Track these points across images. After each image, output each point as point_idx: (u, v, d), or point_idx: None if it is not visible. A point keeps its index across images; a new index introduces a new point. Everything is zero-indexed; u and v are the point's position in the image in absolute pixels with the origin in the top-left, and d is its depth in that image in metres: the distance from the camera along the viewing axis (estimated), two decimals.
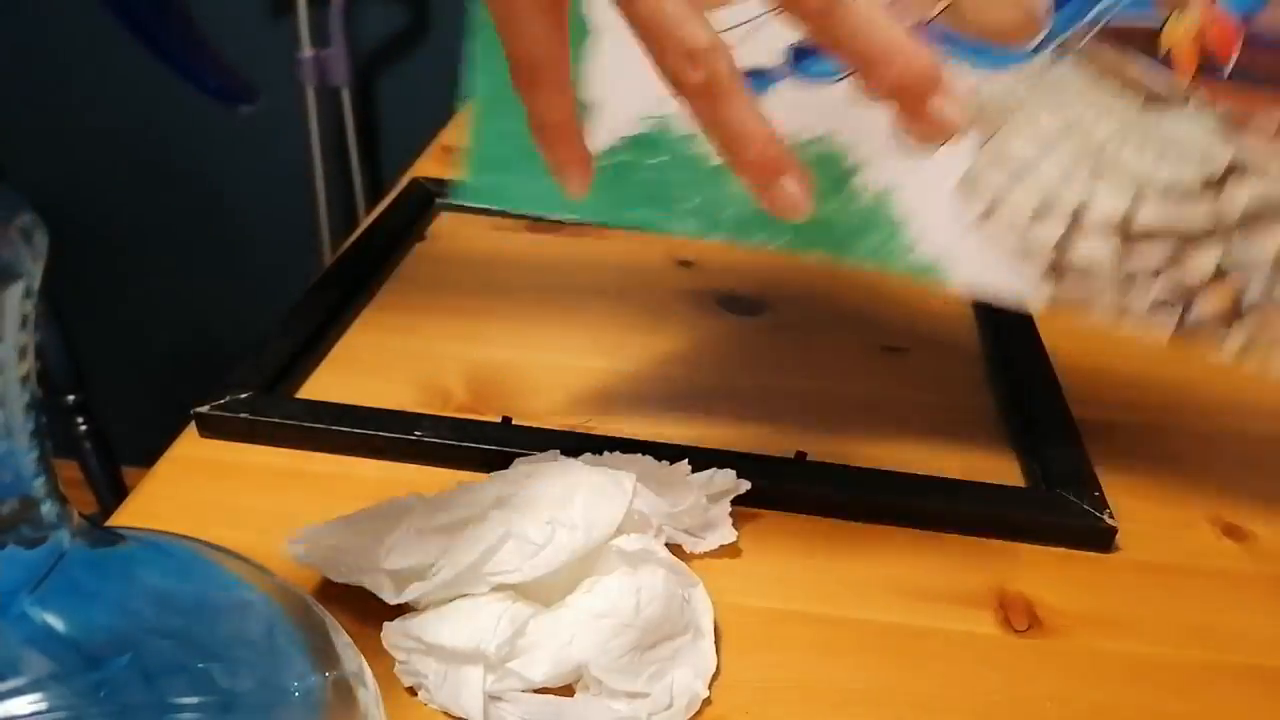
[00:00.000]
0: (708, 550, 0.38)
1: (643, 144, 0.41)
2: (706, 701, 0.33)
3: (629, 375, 0.50)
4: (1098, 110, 0.35)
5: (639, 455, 0.40)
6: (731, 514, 0.39)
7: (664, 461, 0.40)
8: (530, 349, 0.51)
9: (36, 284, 0.18)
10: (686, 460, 0.40)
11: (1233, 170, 0.35)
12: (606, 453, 0.40)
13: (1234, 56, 0.34)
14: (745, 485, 0.39)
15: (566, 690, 0.32)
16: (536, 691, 0.32)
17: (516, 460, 0.40)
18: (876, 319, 0.56)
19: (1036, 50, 0.36)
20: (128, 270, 1.34)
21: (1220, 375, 0.53)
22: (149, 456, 0.43)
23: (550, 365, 0.50)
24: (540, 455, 0.40)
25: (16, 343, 0.18)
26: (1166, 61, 0.35)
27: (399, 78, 1.19)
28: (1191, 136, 0.35)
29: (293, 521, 0.35)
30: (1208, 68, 0.35)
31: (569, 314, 0.55)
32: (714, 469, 0.39)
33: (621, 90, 0.40)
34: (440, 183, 0.66)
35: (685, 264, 0.60)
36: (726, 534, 0.39)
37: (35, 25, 1.18)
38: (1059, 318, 0.56)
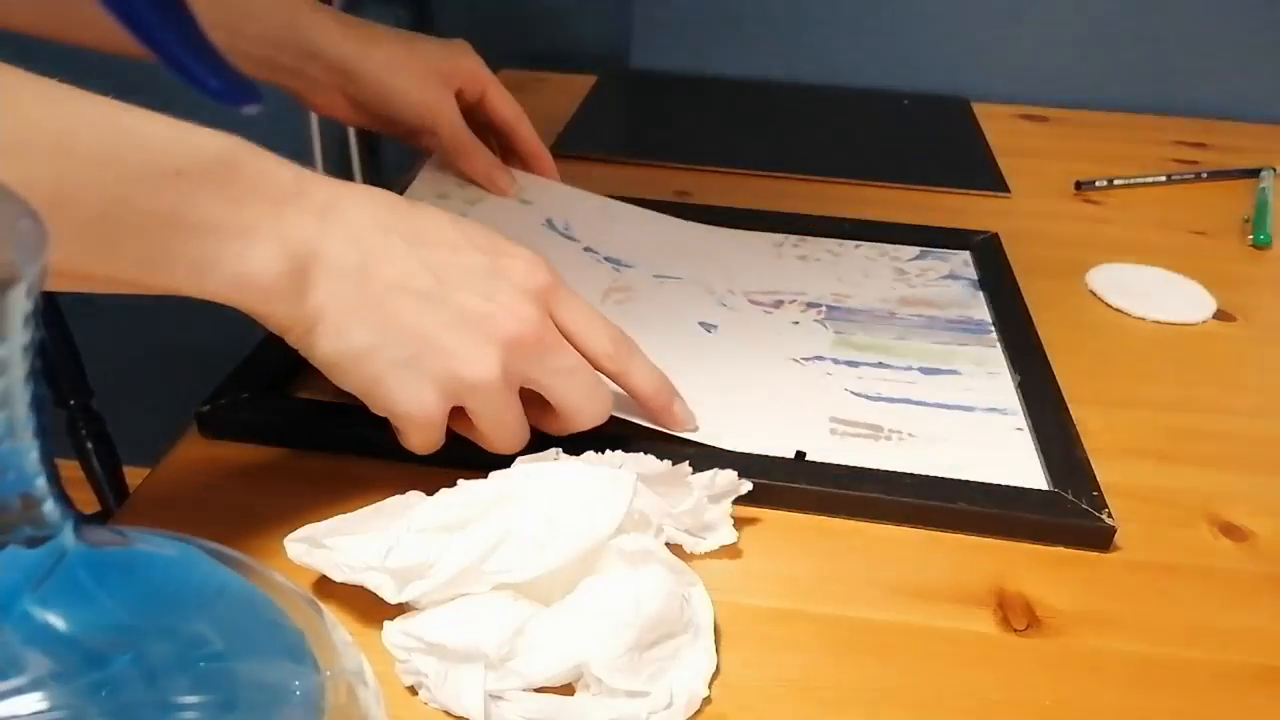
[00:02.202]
0: (708, 550, 0.38)
1: None
2: (706, 700, 0.33)
3: None
4: None
5: (639, 455, 0.40)
6: (732, 514, 0.39)
7: (665, 461, 0.40)
8: None
9: (38, 283, 0.18)
10: (688, 461, 0.40)
11: None
12: (607, 452, 0.40)
13: None
14: (746, 486, 0.39)
15: (567, 690, 0.33)
16: (536, 691, 0.32)
17: (516, 460, 0.40)
18: None
19: None
20: None
21: (1220, 375, 0.53)
22: (150, 456, 0.43)
23: None
24: (540, 455, 0.40)
25: (19, 342, 0.18)
26: None
27: None
28: None
29: (293, 521, 0.36)
30: None
31: None
32: (715, 469, 0.39)
33: None
34: None
35: None
36: (727, 534, 0.39)
37: None
38: (1059, 316, 0.56)
